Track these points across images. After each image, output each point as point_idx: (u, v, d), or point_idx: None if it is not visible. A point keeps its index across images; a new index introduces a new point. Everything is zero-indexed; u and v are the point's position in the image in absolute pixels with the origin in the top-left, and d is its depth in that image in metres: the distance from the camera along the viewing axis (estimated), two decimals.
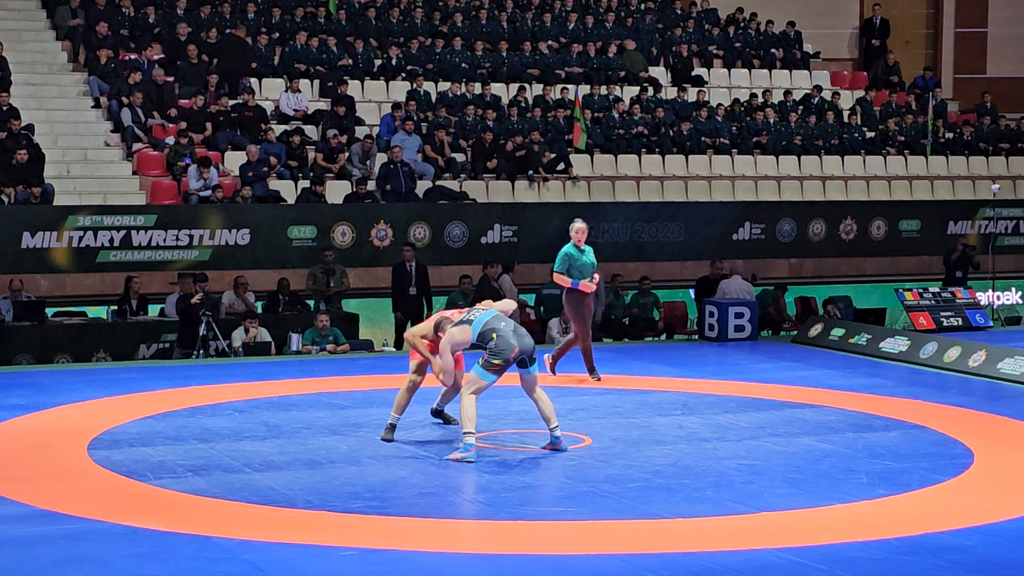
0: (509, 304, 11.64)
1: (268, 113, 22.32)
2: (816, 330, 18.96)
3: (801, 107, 26.07)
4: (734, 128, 25.14)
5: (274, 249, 20.12)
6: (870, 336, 18.08)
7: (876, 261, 23.88)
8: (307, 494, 9.81)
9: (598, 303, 17.00)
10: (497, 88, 24.46)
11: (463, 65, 24.64)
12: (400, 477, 10.40)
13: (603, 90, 24.85)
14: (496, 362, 10.74)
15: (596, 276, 14.87)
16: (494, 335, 10.73)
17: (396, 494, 9.82)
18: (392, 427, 11.71)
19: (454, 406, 11.94)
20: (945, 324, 19.64)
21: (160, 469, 10.59)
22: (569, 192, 22.67)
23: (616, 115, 24.23)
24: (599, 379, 14.97)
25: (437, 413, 12.34)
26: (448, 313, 11.60)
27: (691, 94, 25.66)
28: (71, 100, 22.47)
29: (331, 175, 21.54)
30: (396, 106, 22.64)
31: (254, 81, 23.03)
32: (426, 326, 11.61)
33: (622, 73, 25.77)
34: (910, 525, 9.11)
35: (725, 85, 26.92)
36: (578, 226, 14.96)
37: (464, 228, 21.15)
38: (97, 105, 22.16)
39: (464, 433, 10.80)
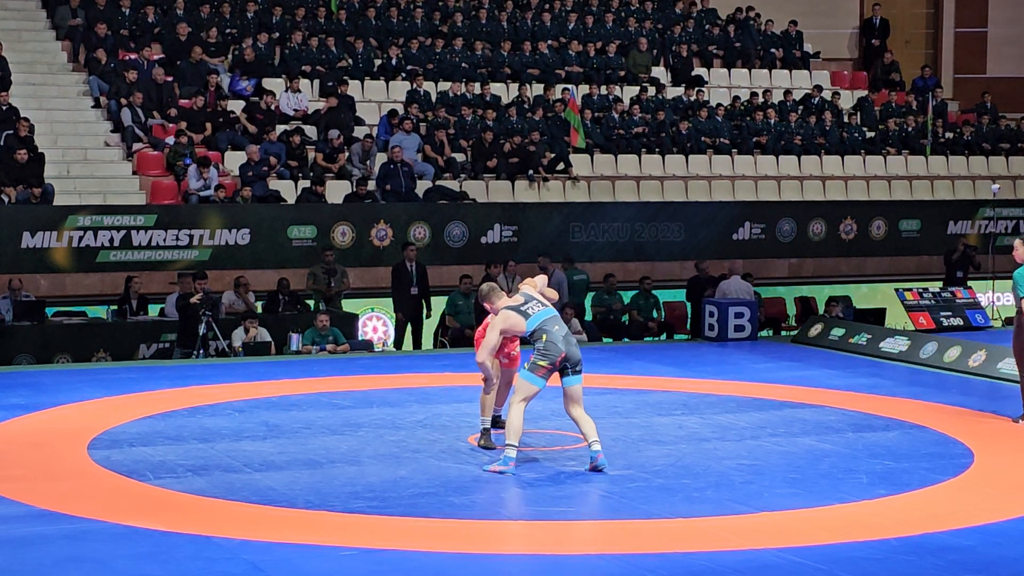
0: (553, 293, 11.33)
1: (273, 114, 22.31)
2: (816, 330, 18.96)
3: (801, 107, 26.07)
4: (734, 128, 25.14)
5: (274, 249, 20.12)
6: (870, 336, 18.09)
7: (876, 261, 23.88)
8: (307, 494, 9.81)
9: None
10: (497, 88, 24.46)
11: (463, 65, 24.64)
12: (400, 477, 10.40)
13: (603, 90, 24.85)
14: (542, 363, 10.50)
15: None
16: (544, 336, 10.52)
17: (396, 494, 9.82)
18: (487, 431, 11.47)
19: None
20: (945, 324, 19.65)
21: (160, 469, 10.60)
22: (569, 192, 22.67)
23: (616, 115, 24.23)
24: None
25: (495, 421, 11.82)
26: (496, 285, 11.22)
27: (689, 93, 25.65)
28: (71, 100, 22.47)
29: (331, 175, 21.54)
30: (392, 113, 22.61)
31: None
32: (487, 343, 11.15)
33: (622, 73, 25.77)
34: (910, 525, 9.12)
35: (725, 85, 26.92)
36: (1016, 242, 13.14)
37: (464, 228, 21.15)
38: (97, 105, 22.16)
39: (507, 445, 10.59)
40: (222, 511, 9.40)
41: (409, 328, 19.42)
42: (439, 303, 19.50)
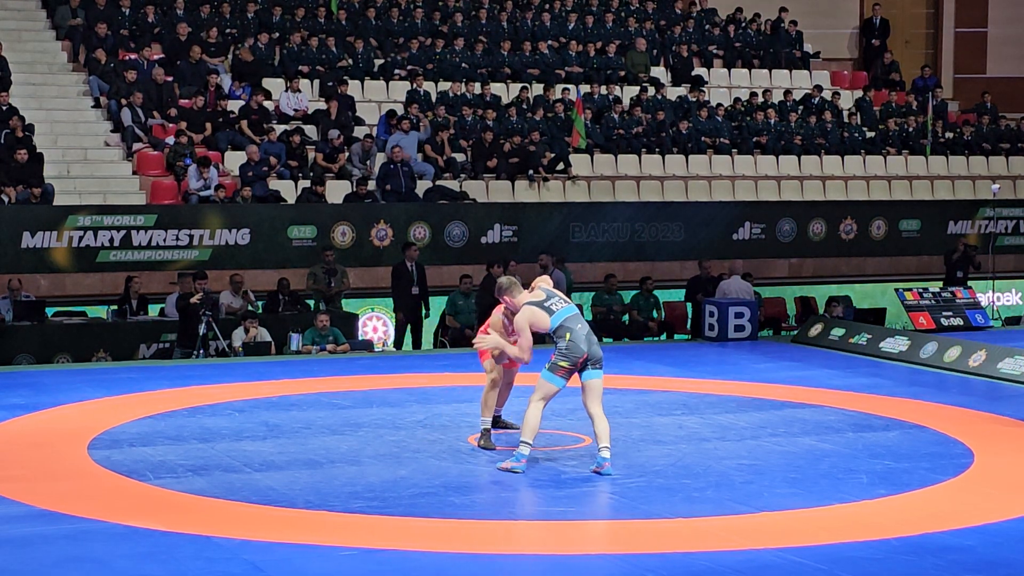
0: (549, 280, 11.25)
1: (269, 112, 22.32)
2: (816, 330, 18.96)
3: (801, 107, 26.07)
4: (734, 128, 25.13)
5: (274, 249, 20.11)
6: (870, 336, 18.09)
7: (876, 261, 23.88)
8: (307, 494, 9.81)
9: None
10: (497, 88, 24.46)
11: (463, 65, 24.63)
12: (400, 477, 10.39)
13: (603, 90, 24.85)
14: (563, 364, 10.43)
15: None
16: (567, 335, 10.41)
17: (396, 494, 9.82)
18: (487, 432, 11.40)
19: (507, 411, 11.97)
20: (945, 324, 19.65)
21: (160, 469, 10.59)
22: (569, 192, 22.66)
23: (616, 115, 24.23)
24: None
25: (496, 421, 11.81)
26: (515, 279, 11.15)
27: (694, 94, 25.65)
28: (71, 100, 22.47)
29: (331, 175, 21.54)
30: (391, 113, 22.59)
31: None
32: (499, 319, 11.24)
33: (622, 73, 25.77)
34: (910, 525, 9.12)
35: (725, 85, 26.92)
36: None
37: (464, 228, 21.15)
38: (97, 105, 22.16)
39: (521, 442, 10.53)
40: (222, 511, 9.40)
41: (409, 328, 19.42)
42: (439, 303, 19.50)
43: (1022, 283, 24.75)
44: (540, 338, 10.98)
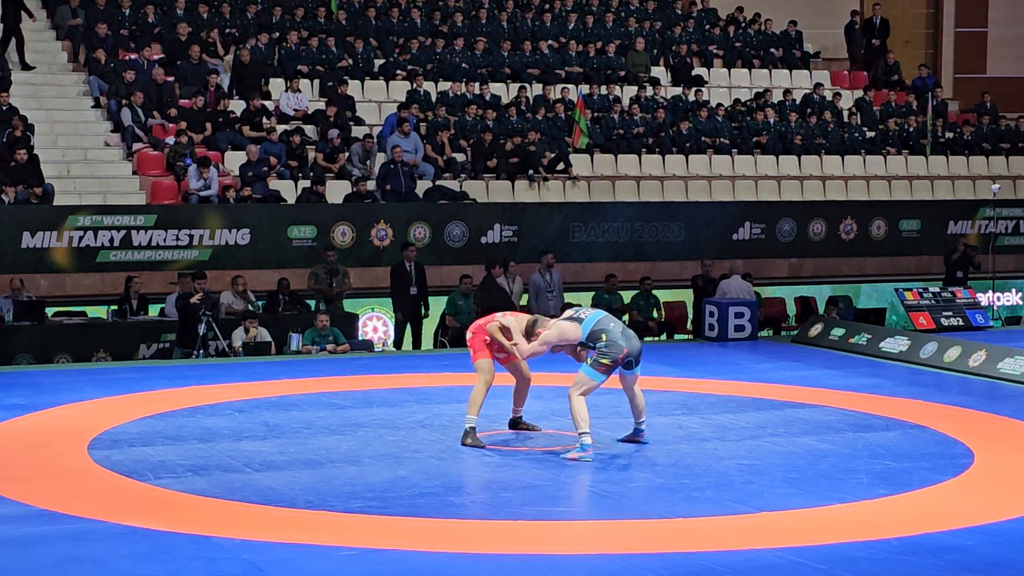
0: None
1: (269, 112, 22.32)
2: (816, 330, 18.97)
3: (802, 107, 26.06)
4: (734, 128, 25.13)
5: (274, 249, 20.11)
6: (870, 336, 18.09)
7: (876, 261, 23.88)
8: (307, 494, 9.81)
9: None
10: (497, 88, 24.46)
11: (463, 65, 24.63)
12: (400, 477, 10.39)
13: (603, 90, 24.85)
14: (604, 362, 10.90)
15: None
16: (603, 335, 10.89)
17: (396, 494, 9.82)
18: (473, 430, 11.47)
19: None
20: (945, 324, 19.65)
21: (160, 469, 10.59)
22: (569, 192, 22.66)
23: (616, 115, 24.22)
24: None
25: (515, 423, 12.06)
26: (539, 316, 11.59)
27: (690, 94, 25.65)
28: (71, 100, 22.47)
29: (331, 175, 21.54)
30: (403, 106, 22.62)
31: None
32: (498, 324, 11.50)
33: (622, 73, 25.77)
34: (910, 525, 9.12)
35: (725, 85, 26.92)
36: None
37: (464, 228, 21.15)
38: (97, 105, 22.16)
39: (580, 433, 10.89)
40: (222, 511, 9.40)
41: (409, 328, 19.43)
42: (439, 303, 19.49)
43: (1022, 283, 24.76)
44: None
